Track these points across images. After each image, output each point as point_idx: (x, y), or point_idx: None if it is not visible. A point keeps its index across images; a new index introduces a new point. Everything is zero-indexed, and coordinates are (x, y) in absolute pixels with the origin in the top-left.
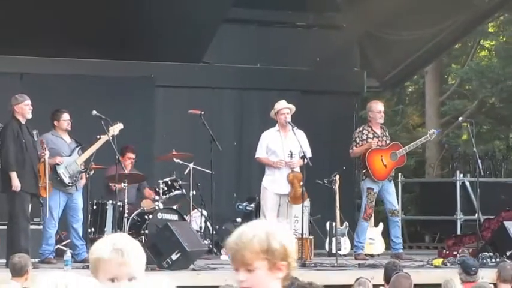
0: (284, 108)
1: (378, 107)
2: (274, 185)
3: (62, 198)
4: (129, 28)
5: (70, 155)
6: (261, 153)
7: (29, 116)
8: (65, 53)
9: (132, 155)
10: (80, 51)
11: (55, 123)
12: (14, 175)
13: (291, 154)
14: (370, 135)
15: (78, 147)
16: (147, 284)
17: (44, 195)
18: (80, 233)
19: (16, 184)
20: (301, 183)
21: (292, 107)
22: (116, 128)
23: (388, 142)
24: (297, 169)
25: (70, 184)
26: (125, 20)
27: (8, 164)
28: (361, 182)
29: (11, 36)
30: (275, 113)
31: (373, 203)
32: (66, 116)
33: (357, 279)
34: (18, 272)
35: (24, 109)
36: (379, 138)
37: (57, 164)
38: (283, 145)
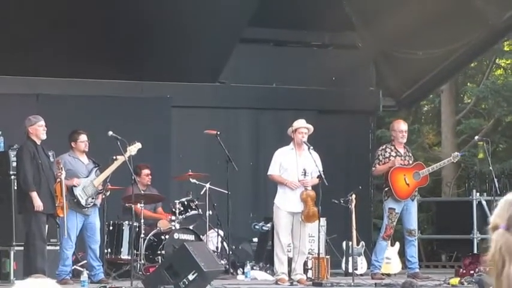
0: (302, 127)
1: (400, 127)
2: (287, 204)
3: (78, 219)
4: (145, 49)
5: (87, 176)
6: (274, 170)
7: (44, 136)
8: (81, 73)
9: (148, 171)
10: (96, 72)
11: (72, 144)
12: (34, 195)
13: (305, 172)
14: (393, 154)
15: (96, 168)
16: None
17: (61, 214)
18: (98, 254)
19: (38, 204)
20: (315, 201)
21: (311, 128)
22: (134, 148)
23: (411, 162)
24: (310, 188)
25: (87, 206)
26: (141, 41)
27: (28, 185)
28: (384, 201)
29: (27, 57)
30: (293, 131)
31: (394, 223)
32: (83, 138)
33: None
34: None
35: (39, 130)
36: (402, 157)
37: (74, 186)
38: (298, 163)
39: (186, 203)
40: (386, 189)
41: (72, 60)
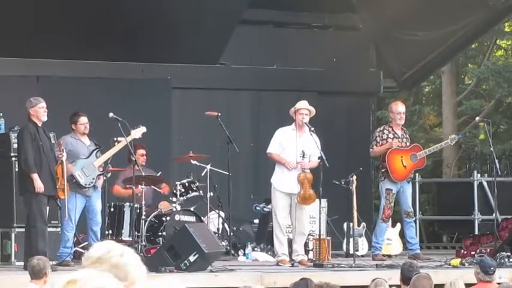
0: (303, 108)
1: (397, 108)
2: (283, 184)
3: (79, 201)
4: (146, 30)
5: (88, 157)
6: (273, 149)
7: (44, 118)
8: (81, 55)
9: (143, 151)
10: (96, 54)
11: (73, 126)
12: (35, 176)
13: (303, 154)
14: (391, 136)
15: (97, 150)
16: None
17: (62, 196)
18: (99, 236)
19: (39, 185)
20: (311, 184)
21: (312, 110)
22: (138, 132)
23: (408, 144)
24: (308, 170)
25: (87, 186)
26: (141, 22)
27: (28, 167)
28: (380, 182)
29: (27, 38)
30: (294, 111)
31: (392, 204)
32: (83, 120)
33: (373, 280)
34: (37, 274)
35: (39, 112)
36: (399, 139)
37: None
38: (297, 144)
39: (187, 184)
40: (383, 170)
41: (72, 42)
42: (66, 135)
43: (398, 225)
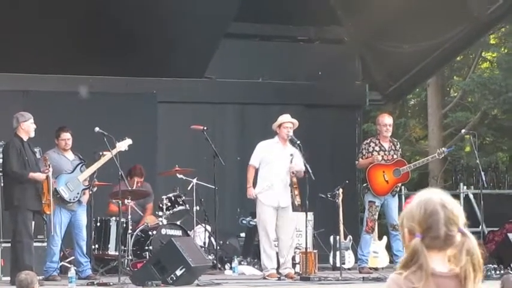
0: (287, 122)
1: (384, 120)
2: (269, 198)
3: (63, 215)
4: (131, 45)
5: (72, 172)
6: (254, 162)
7: (33, 134)
8: (67, 70)
9: (139, 179)
10: (82, 68)
11: (56, 141)
12: (31, 175)
13: (292, 158)
14: (377, 148)
15: (81, 164)
16: None
17: (48, 212)
18: (85, 250)
19: (40, 177)
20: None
21: (296, 122)
22: (124, 144)
23: (395, 157)
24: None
25: (71, 201)
26: (126, 37)
27: (18, 175)
28: (364, 195)
29: (14, 53)
30: (278, 126)
31: (375, 216)
32: (64, 136)
33: None
34: None
35: (31, 127)
36: (386, 152)
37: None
38: (283, 156)
39: (173, 198)
40: (365, 184)
41: (58, 57)
42: (49, 150)
43: (385, 238)
